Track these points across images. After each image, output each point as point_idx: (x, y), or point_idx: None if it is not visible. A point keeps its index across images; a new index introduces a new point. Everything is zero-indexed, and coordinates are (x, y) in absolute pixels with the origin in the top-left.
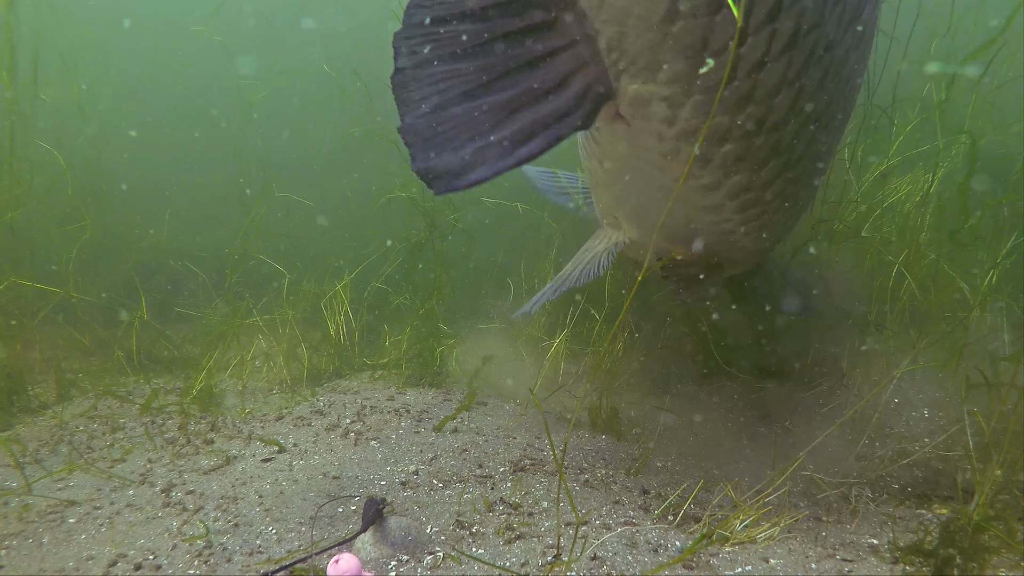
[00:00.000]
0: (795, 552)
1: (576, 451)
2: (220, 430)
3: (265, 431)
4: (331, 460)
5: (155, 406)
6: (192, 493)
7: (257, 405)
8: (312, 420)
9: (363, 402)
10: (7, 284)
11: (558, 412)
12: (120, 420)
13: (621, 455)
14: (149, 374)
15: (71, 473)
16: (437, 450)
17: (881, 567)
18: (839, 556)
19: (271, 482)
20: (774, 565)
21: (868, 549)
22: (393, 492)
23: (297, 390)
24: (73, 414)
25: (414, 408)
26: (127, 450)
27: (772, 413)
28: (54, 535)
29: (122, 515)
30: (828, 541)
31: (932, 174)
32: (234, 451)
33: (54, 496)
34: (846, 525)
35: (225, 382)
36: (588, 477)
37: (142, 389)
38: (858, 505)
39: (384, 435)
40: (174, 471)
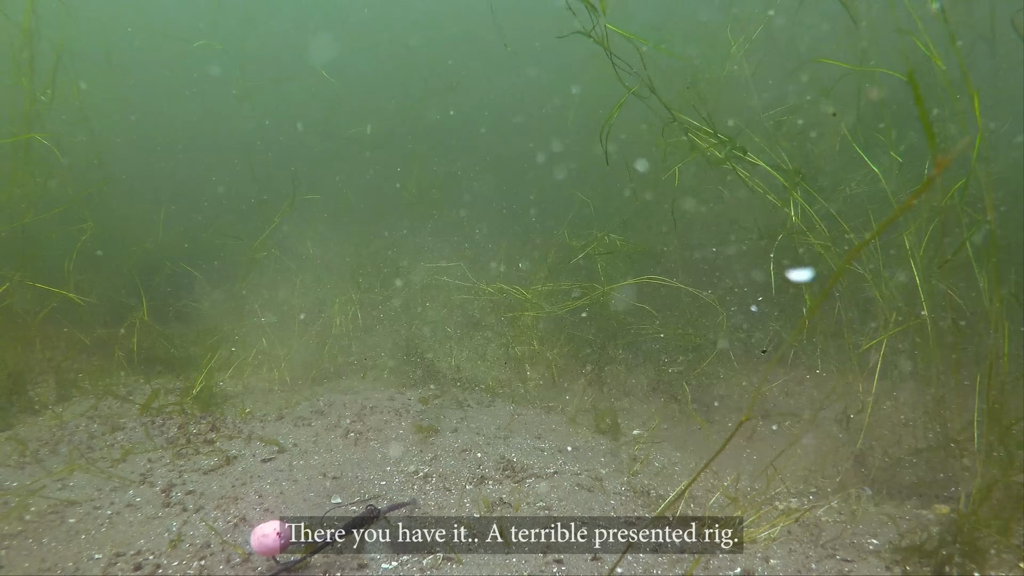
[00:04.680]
0: (795, 552)
1: (575, 451)
2: (220, 430)
3: (265, 431)
4: (331, 460)
5: (155, 406)
6: (192, 493)
7: (257, 405)
8: (312, 420)
9: (363, 402)
10: (7, 285)
11: (559, 412)
12: (120, 420)
13: (621, 455)
14: (149, 374)
15: (71, 473)
16: (437, 450)
17: (881, 567)
18: (839, 556)
19: (271, 482)
20: (774, 565)
21: (868, 549)
22: (393, 492)
23: (297, 390)
24: (73, 414)
25: (414, 408)
26: (127, 450)
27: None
28: (54, 535)
29: (122, 515)
30: (828, 541)
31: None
32: (234, 451)
33: (54, 496)
34: (846, 525)
35: (226, 382)
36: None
37: (142, 389)
38: (858, 505)
39: (384, 435)
40: (174, 471)
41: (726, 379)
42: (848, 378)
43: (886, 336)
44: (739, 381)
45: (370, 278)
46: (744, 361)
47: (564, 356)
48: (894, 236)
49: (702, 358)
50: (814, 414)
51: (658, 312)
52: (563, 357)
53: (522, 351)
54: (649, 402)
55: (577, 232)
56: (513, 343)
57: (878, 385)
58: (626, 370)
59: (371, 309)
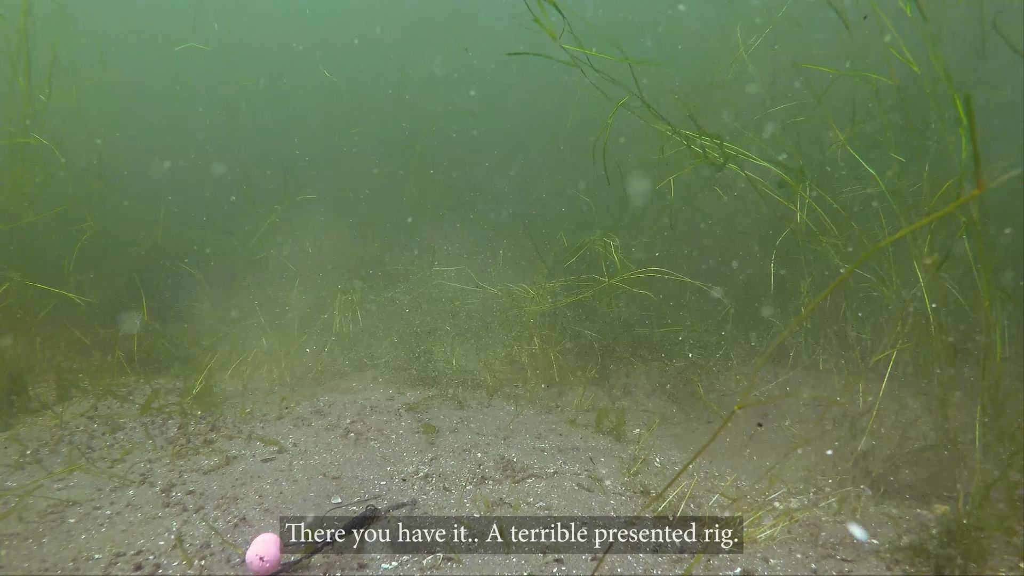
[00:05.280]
0: (795, 552)
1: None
2: (220, 430)
3: (265, 431)
4: (331, 460)
5: (155, 406)
6: (192, 493)
7: (257, 405)
8: (312, 420)
9: (363, 402)
10: (7, 285)
11: (560, 412)
12: (120, 420)
13: (621, 455)
14: (149, 374)
15: (71, 473)
16: (437, 450)
17: (881, 568)
18: (839, 556)
19: (271, 482)
20: (774, 565)
21: (868, 549)
22: (393, 492)
23: (297, 389)
24: (73, 414)
25: (414, 408)
26: (127, 450)
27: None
28: (54, 535)
29: (122, 515)
30: (828, 541)
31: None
32: (234, 451)
33: (54, 496)
34: (846, 525)
35: (226, 382)
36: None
37: (142, 389)
38: (858, 505)
39: (384, 435)
40: (174, 471)
41: (726, 379)
42: (850, 377)
43: (899, 339)
44: (740, 381)
45: (370, 278)
46: (745, 361)
47: (565, 356)
48: (893, 236)
49: (703, 358)
50: (820, 419)
51: (658, 312)
52: (564, 357)
53: (523, 351)
54: (649, 402)
55: (578, 232)
56: (514, 343)
57: (878, 384)
58: (626, 370)
59: (371, 309)
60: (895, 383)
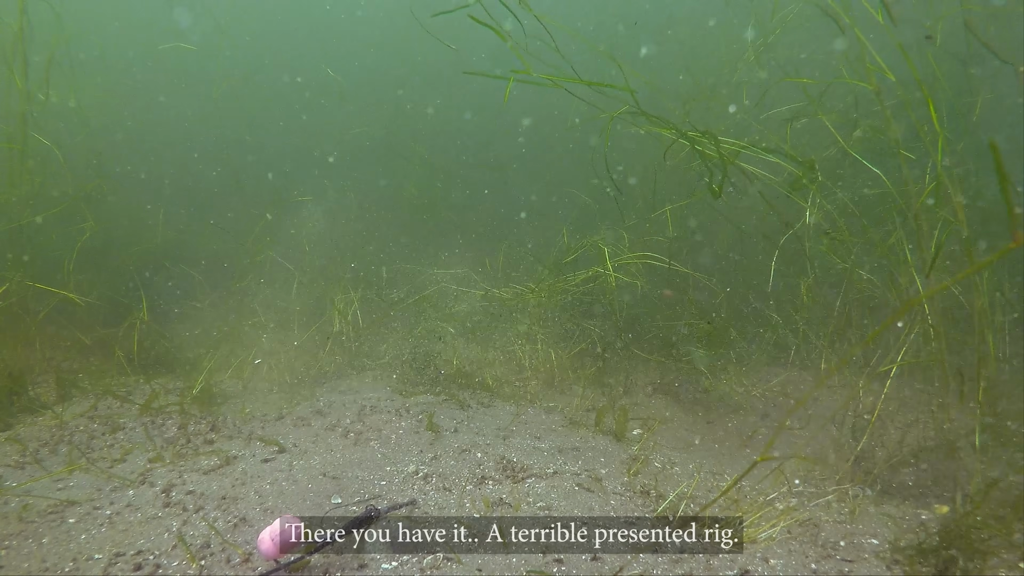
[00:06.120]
0: (795, 552)
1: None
2: (220, 430)
3: (265, 431)
4: (331, 460)
5: (155, 406)
6: (192, 493)
7: (257, 405)
8: (312, 420)
9: (363, 402)
10: (7, 285)
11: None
12: (120, 420)
13: (621, 455)
14: (149, 374)
15: (71, 473)
16: (437, 450)
17: (881, 568)
18: (839, 556)
19: (271, 482)
20: (774, 565)
21: (868, 549)
22: (393, 492)
23: (297, 390)
24: (73, 414)
25: (414, 408)
26: (127, 450)
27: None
28: (54, 535)
29: (122, 515)
30: (828, 541)
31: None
32: (234, 451)
33: (54, 496)
34: (846, 525)
35: (225, 382)
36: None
37: (142, 389)
38: (858, 505)
39: (384, 435)
40: (174, 471)
41: (727, 379)
42: (850, 377)
43: (904, 342)
44: (740, 380)
45: (370, 278)
46: (745, 360)
47: (565, 356)
48: (893, 236)
49: (704, 358)
50: (826, 421)
51: (658, 314)
52: (564, 357)
53: (523, 351)
54: (650, 402)
55: (580, 231)
56: (514, 343)
57: (878, 385)
58: (626, 371)
59: (371, 309)
60: (896, 382)
